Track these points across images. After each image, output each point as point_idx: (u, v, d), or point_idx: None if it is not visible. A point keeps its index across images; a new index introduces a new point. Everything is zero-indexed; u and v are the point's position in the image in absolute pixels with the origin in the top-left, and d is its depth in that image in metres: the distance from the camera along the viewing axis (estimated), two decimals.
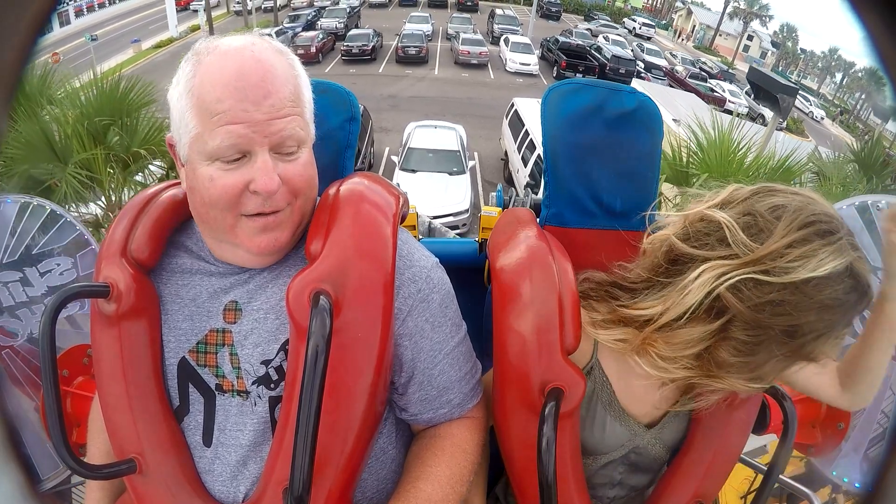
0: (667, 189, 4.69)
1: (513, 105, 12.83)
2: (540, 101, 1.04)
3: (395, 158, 10.50)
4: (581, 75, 21.09)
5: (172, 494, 0.77)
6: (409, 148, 10.53)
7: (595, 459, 0.91)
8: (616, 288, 0.86)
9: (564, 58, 22.42)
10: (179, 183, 0.84)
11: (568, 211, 1.06)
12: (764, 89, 5.56)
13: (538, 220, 1.05)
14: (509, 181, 12.01)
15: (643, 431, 0.90)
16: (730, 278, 0.70)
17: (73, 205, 4.19)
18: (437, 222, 7.04)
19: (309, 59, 21.88)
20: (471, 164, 10.82)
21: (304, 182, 0.75)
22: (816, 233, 0.68)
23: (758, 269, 0.69)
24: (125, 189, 4.57)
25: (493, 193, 1.60)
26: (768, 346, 0.71)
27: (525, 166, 10.38)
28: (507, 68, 22.56)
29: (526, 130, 10.96)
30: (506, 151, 12.50)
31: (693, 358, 0.76)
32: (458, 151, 10.63)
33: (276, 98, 0.70)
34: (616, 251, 0.94)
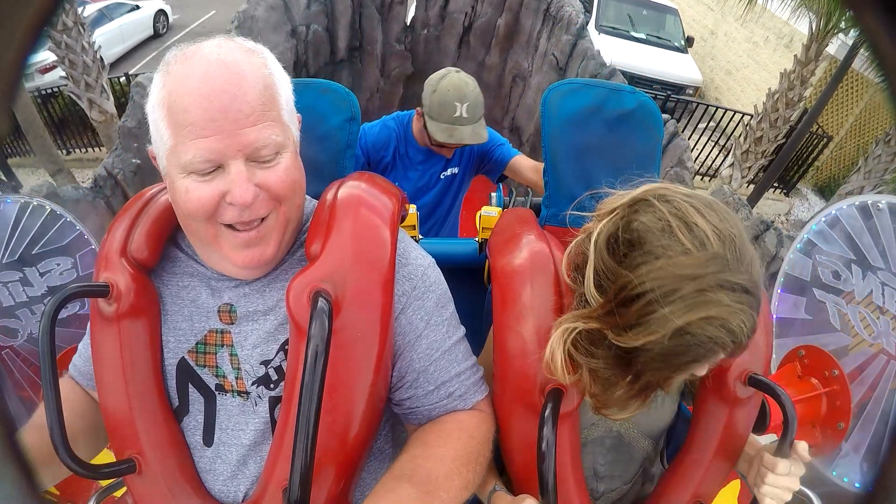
0: None
1: None
2: None
3: None
4: None
5: (172, 494, 0.77)
6: None
7: None
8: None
9: None
10: None
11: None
12: None
13: (538, 219, 1.05)
14: None
15: None
16: (571, 333, 0.75)
17: None
18: None
19: None
20: None
21: (285, 188, 0.73)
22: (653, 298, 0.65)
23: (594, 324, 0.73)
24: None
25: (493, 194, 1.60)
26: (614, 383, 0.77)
27: None
28: None
29: None
30: None
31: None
32: None
33: (243, 101, 0.67)
34: None
